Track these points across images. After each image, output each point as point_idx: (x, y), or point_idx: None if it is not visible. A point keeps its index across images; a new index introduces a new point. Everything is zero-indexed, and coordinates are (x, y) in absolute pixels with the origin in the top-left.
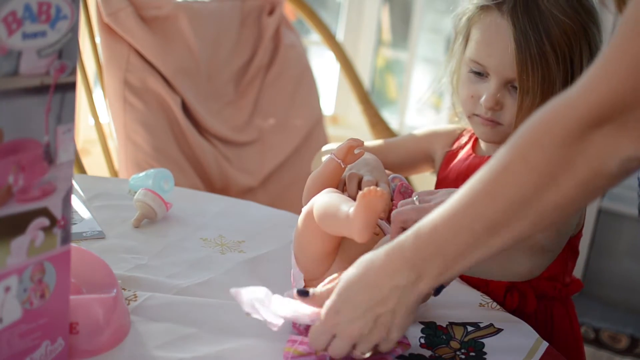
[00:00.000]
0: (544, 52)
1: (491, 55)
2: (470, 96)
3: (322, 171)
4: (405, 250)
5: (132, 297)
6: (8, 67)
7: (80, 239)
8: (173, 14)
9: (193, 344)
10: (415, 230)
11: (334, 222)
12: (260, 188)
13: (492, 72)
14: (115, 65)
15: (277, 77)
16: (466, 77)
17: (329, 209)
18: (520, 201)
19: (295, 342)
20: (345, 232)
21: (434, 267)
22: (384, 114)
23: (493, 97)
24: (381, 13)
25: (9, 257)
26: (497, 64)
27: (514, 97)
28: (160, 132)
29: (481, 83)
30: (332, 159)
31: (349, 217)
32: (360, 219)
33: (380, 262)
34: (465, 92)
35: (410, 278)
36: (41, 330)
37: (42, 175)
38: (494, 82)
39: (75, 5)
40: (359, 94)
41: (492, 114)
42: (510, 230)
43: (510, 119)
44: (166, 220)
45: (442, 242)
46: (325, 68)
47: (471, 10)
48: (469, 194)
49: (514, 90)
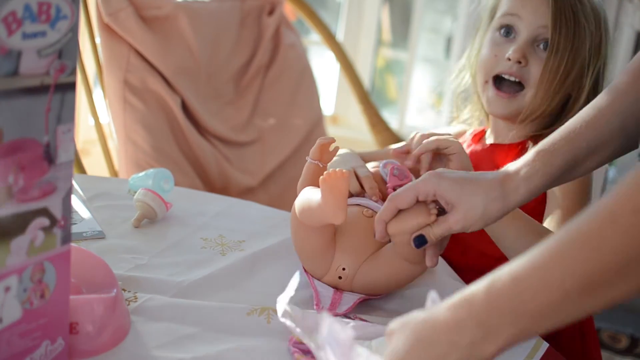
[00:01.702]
0: (577, 10)
1: (525, 6)
2: (494, 55)
3: (304, 177)
4: (474, 303)
5: (132, 297)
6: (8, 67)
7: (80, 239)
8: (173, 14)
9: (193, 344)
10: (489, 282)
11: (311, 214)
12: (260, 188)
13: (523, 25)
14: (115, 65)
15: (277, 77)
16: (491, 40)
17: (304, 204)
18: (629, 258)
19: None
20: (323, 219)
21: (506, 327)
22: (384, 114)
23: (521, 48)
24: (381, 13)
25: (9, 257)
26: (530, 12)
27: (540, 57)
28: (160, 132)
29: (507, 44)
30: (309, 162)
31: (319, 205)
32: (328, 202)
33: (440, 317)
34: (489, 53)
35: (476, 336)
36: (41, 330)
37: (42, 175)
38: (524, 35)
39: (75, 5)
40: (359, 94)
41: (517, 69)
42: (612, 291)
43: (533, 78)
44: (166, 220)
45: (522, 298)
46: (325, 68)
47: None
48: (559, 245)
49: (540, 49)
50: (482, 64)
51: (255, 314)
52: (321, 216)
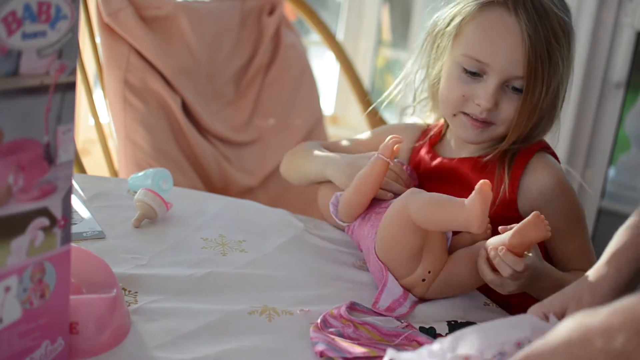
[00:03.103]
0: (552, 48)
1: (497, 53)
2: (462, 95)
3: (370, 172)
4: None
5: (133, 297)
6: (8, 67)
7: (81, 239)
8: (173, 14)
9: (193, 344)
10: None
11: (444, 215)
12: (260, 188)
13: (493, 71)
14: (115, 65)
15: (277, 77)
16: (456, 76)
17: (435, 205)
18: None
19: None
20: (461, 225)
21: None
22: (384, 114)
23: (493, 96)
24: (381, 13)
25: (9, 257)
26: (502, 62)
27: (510, 97)
28: (160, 132)
29: (475, 83)
30: (381, 159)
31: (464, 210)
32: (477, 211)
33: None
34: (456, 92)
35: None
36: (41, 330)
37: (42, 175)
38: (494, 80)
39: (75, 5)
40: (359, 94)
41: (487, 114)
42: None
43: (504, 118)
44: (166, 221)
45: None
46: (325, 68)
47: (469, 7)
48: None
49: (510, 89)
50: (448, 101)
51: (256, 314)
52: (460, 221)
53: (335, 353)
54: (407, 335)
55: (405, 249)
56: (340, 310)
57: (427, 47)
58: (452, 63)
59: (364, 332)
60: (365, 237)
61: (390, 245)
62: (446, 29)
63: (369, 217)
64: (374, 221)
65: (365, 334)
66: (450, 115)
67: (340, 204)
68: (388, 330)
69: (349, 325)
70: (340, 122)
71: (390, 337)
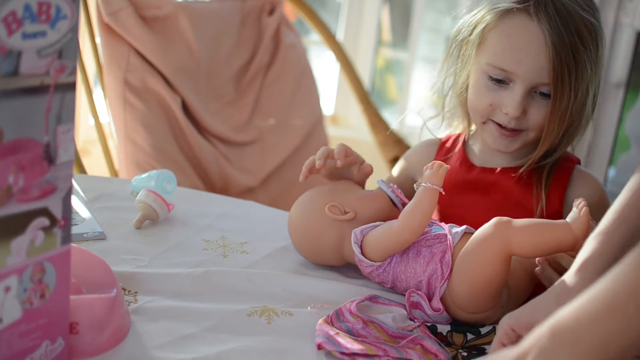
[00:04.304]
0: (578, 52)
1: (521, 61)
2: (489, 104)
3: (427, 204)
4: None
5: (133, 297)
6: (8, 67)
7: (81, 240)
8: (173, 14)
9: (193, 344)
10: (551, 326)
11: (551, 240)
12: (260, 188)
13: (519, 79)
14: (115, 65)
15: (277, 77)
16: (483, 84)
17: (542, 231)
18: None
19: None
20: (569, 244)
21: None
22: (384, 114)
23: (520, 104)
24: (381, 13)
25: (9, 257)
26: (527, 69)
27: (539, 103)
28: (160, 132)
29: (501, 91)
30: (434, 190)
31: (571, 228)
32: (585, 226)
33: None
34: (483, 101)
35: None
36: (41, 330)
37: (42, 175)
38: (520, 88)
39: (75, 5)
40: (359, 94)
41: (515, 122)
42: None
43: (534, 124)
44: (168, 222)
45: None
46: (325, 68)
47: (490, 15)
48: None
49: (539, 95)
50: (476, 110)
51: (256, 315)
52: (568, 243)
53: (333, 347)
54: (412, 339)
55: (499, 284)
56: (351, 306)
57: (454, 55)
58: (478, 71)
59: (372, 329)
60: (414, 275)
61: (480, 287)
62: (470, 37)
63: (417, 252)
64: (429, 257)
65: (374, 332)
66: (480, 123)
67: (375, 243)
68: (394, 332)
69: (358, 321)
70: (340, 122)
71: (396, 338)
